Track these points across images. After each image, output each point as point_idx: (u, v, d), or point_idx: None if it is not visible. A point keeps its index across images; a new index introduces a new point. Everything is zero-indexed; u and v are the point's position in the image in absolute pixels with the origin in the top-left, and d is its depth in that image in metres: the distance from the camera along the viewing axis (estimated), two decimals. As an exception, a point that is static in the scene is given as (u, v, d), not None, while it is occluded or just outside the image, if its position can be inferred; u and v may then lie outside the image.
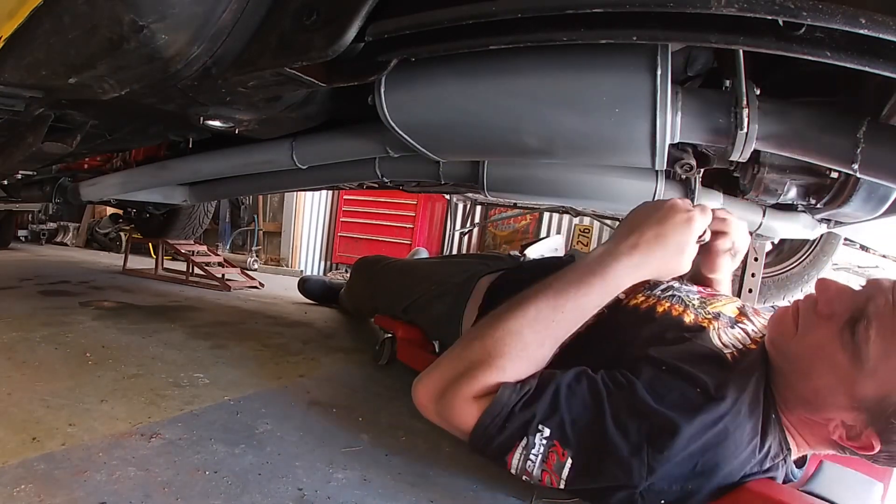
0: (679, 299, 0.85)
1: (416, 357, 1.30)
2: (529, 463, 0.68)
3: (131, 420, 0.87)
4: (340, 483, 0.75)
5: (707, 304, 0.85)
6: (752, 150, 0.74)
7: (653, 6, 0.52)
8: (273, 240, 4.64)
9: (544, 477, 0.68)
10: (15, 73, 0.79)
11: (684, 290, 0.89)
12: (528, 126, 0.80)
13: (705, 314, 0.83)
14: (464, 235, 4.45)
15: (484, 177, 1.20)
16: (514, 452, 0.68)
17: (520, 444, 0.68)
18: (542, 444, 0.67)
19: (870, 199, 0.90)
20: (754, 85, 0.73)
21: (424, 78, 0.79)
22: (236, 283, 2.68)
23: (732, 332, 0.80)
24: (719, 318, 0.82)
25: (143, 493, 0.66)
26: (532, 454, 0.67)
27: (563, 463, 0.67)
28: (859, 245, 2.06)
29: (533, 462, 0.67)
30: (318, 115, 1.07)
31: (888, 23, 0.46)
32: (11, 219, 3.98)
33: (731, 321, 0.83)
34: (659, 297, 0.86)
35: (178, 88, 0.81)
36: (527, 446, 0.68)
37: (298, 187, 2.08)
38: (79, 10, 0.65)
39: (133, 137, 1.29)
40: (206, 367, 1.20)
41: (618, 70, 0.68)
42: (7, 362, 1.11)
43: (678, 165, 0.95)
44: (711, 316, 0.82)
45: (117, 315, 1.69)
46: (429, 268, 1.44)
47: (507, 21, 0.59)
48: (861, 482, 0.76)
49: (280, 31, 0.69)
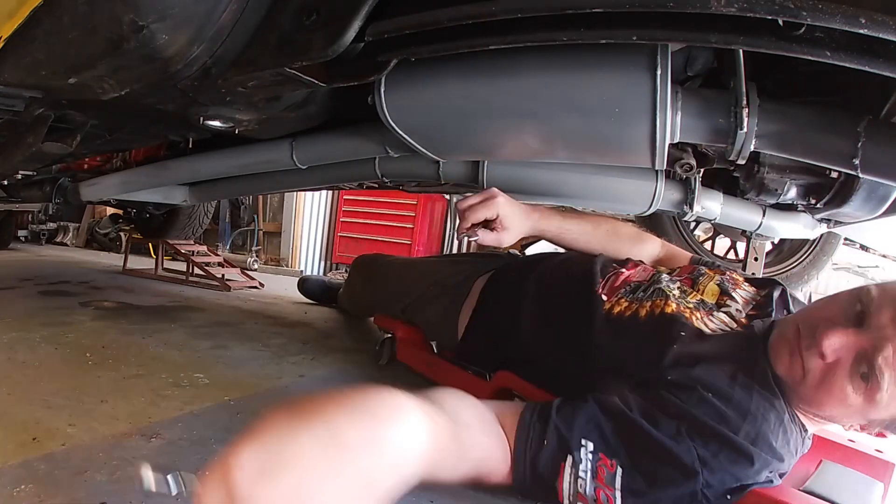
0: (661, 292, 0.87)
1: (415, 357, 1.30)
2: (581, 482, 0.64)
3: (131, 420, 0.87)
4: (340, 483, 0.75)
5: (687, 294, 0.88)
6: (751, 150, 0.74)
7: (653, 6, 0.52)
8: (273, 240, 4.64)
9: (599, 494, 0.63)
10: (15, 73, 0.79)
11: (665, 280, 0.90)
12: (527, 126, 0.81)
13: (686, 304, 0.85)
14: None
15: (484, 177, 1.20)
16: (563, 475, 0.65)
17: (565, 464, 0.65)
18: (588, 458, 0.64)
19: (870, 198, 0.90)
20: (754, 85, 0.73)
21: (424, 78, 0.79)
22: (236, 283, 2.68)
23: (718, 316, 0.83)
24: (701, 308, 0.85)
25: (143, 493, 0.66)
26: (581, 471, 0.64)
27: (613, 474, 0.63)
28: (859, 245, 2.06)
29: (584, 479, 0.64)
30: (318, 115, 1.07)
31: (888, 23, 0.46)
32: (11, 219, 3.98)
33: (714, 307, 0.86)
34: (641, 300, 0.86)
35: (177, 88, 0.81)
36: (574, 464, 0.64)
37: (298, 187, 2.08)
38: (79, 10, 0.65)
39: (133, 137, 1.29)
40: (206, 368, 1.20)
41: (618, 70, 0.68)
42: (7, 362, 1.11)
43: (678, 165, 0.95)
44: (692, 306, 0.85)
45: (117, 315, 1.69)
46: (427, 267, 1.44)
47: (507, 21, 0.59)
48: (861, 482, 0.76)
49: (280, 31, 0.69)
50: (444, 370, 1.20)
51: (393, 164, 1.24)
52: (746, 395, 0.68)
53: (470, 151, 1.01)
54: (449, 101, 0.81)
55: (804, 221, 1.22)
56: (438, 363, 1.22)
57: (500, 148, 0.92)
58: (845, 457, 0.83)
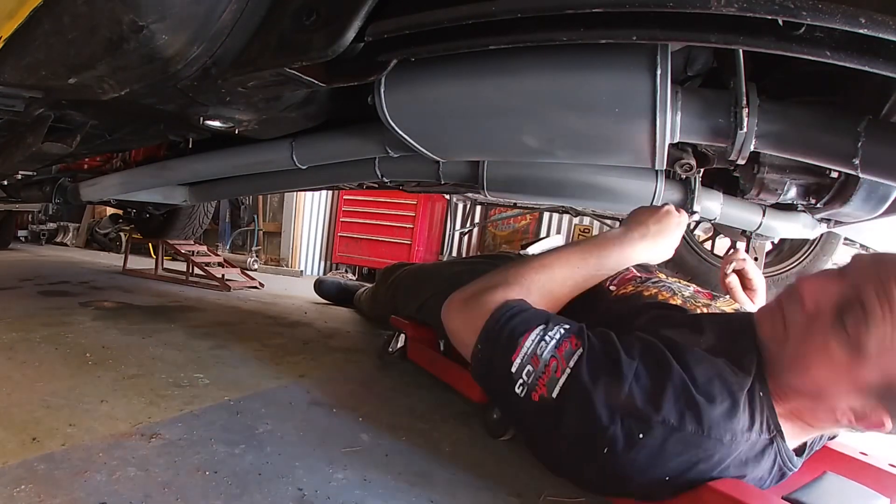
0: (668, 288, 0.92)
1: (422, 355, 1.31)
2: (542, 344, 0.70)
3: (131, 420, 0.87)
4: (340, 483, 0.75)
5: (698, 298, 0.90)
6: (751, 150, 0.74)
7: (653, 6, 0.52)
8: (273, 240, 4.64)
9: (551, 363, 0.68)
10: (15, 73, 0.79)
11: (676, 284, 0.96)
12: (527, 126, 0.80)
13: (695, 302, 0.88)
14: (464, 235, 4.44)
15: (484, 177, 1.20)
16: (530, 334, 0.71)
17: (538, 327, 0.72)
18: (560, 332, 0.71)
19: (870, 198, 0.90)
20: (754, 85, 0.73)
21: (424, 78, 0.78)
22: (236, 283, 2.68)
23: None
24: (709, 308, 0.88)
25: (143, 493, 0.66)
26: (548, 336, 0.71)
27: (573, 351, 0.69)
28: (859, 245, 2.06)
29: (546, 344, 0.70)
30: (318, 115, 1.07)
31: (888, 23, 0.45)
32: (11, 219, 3.98)
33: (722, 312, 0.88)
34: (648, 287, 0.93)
35: (177, 88, 0.81)
36: (545, 330, 0.71)
37: (298, 187, 2.08)
38: (78, 10, 0.65)
39: (133, 138, 1.29)
40: (206, 368, 1.20)
41: (618, 70, 0.68)
42: (7, 362, 1.11)
43: (678, 165, 0.95)
44: (701, 305, 0.87)
45: (117, 315, 1.69)
46: (442, 268, 1.49)
47: (507, 21, 0.59)
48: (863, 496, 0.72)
49: (280, 31, 0.69)
50: (445, 367, 1.21)
51: (393, 164, 1.24)
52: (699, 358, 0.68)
53: (470, 151, 1.01)
54: (449, 101, 0.80)
55: (804, 221, 1.22)
56: (441, 360, 1.23)
57: (500, 148, 0.92)
58: (854, 470, 0.80)
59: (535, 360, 0.69)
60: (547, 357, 0.69)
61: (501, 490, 0.79)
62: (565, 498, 0.78)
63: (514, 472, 0.85)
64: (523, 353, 0.70)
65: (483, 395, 1.04)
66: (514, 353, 0.71)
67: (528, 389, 0.69)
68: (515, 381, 0.70)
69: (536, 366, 0.69)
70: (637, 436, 0.63)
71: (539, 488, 0.80)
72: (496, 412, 0.97)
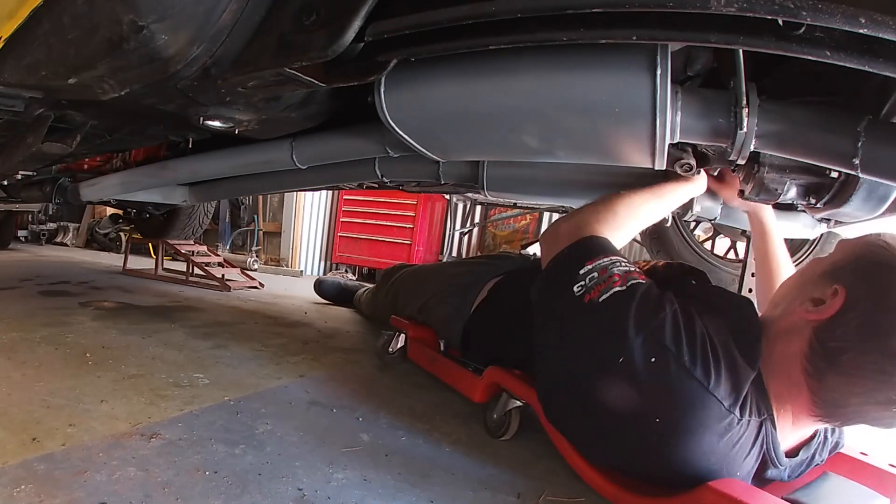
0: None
1: (421, 355, 1.31)
2: (613, 266, 0.80)
3: (131, 420, 0.87)
4: (340, 483, 0.75)
5: None
6: (751, 150, 0.74)
7: (653, 6, 0.52)
8: (273, 240, 4.63)
9: (614, 277, 0.78)
10: (15, 73, 0.79)
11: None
12: (527, 126, 0.80)
13: None
14: (464, 235, 4.44)
15: (484, 177, 1.20)
16: (611, 256, 0.83)
17: (618, 256, 0.83)
18: (633, 269, 0.82)
19: (870, 198, 0.90)
20: (754, 85, 0.73)
21: (424, 78, 0.78)
22: (236, 283, 2.68)
23: None
24: None
25: (143, 493, 0.66)
26: (623, 264, 0.81)
27: (636, 280, 0.78)
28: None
29: (617, 267, 0.80)
30: (318, 115, 1.07)
31: (888, 23, 0.45)
32: (11, 219, 3.98)
33: None
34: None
35: (177, 89, 0.81)
36: (622, 261, 0.82)
37: (298, 187, 2.08)
38: (78, 10, 0.65)
39: (133, 138, 1.29)
40: (206, 368, 1.20)
41: (618, 70, 0.68)
42: (7, 362, 1.11)
43: (678, 165, 0.95)
44: None
45: (117, 315, 1.69)
46: (440, 270, 1.50)
47: (507, 21, 0.59)
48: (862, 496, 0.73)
49: (280, 31, 0.69)
50: (445, 367, 1.21)
51: (393, 164, 1.24)
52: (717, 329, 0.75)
53: (470, 151, 1.01)
54: (449, 101, 0.80)
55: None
56: (441, 360, 1.23)
57: (500, 148, 0.92)
58: (854, 470, 0.81)
59: (603, 271, 0.80)
60: (612, 272, 0.79)
61: (501, 490, 0.79)
62: (565, 498, 0.78)
63: (513, 472, 0.85)
64: (596, 264, 0.81)
65: (483, 395, 1.04)
66: (589, 261, 0.82)
67: (585, 291, 0.79)
68: (578, 281, 0.80)
69: (602, 275, 0.79)
70: (650, 359, 0.70)
71: (539, 488, 0.80)
72: (496, 412, 0.98)
